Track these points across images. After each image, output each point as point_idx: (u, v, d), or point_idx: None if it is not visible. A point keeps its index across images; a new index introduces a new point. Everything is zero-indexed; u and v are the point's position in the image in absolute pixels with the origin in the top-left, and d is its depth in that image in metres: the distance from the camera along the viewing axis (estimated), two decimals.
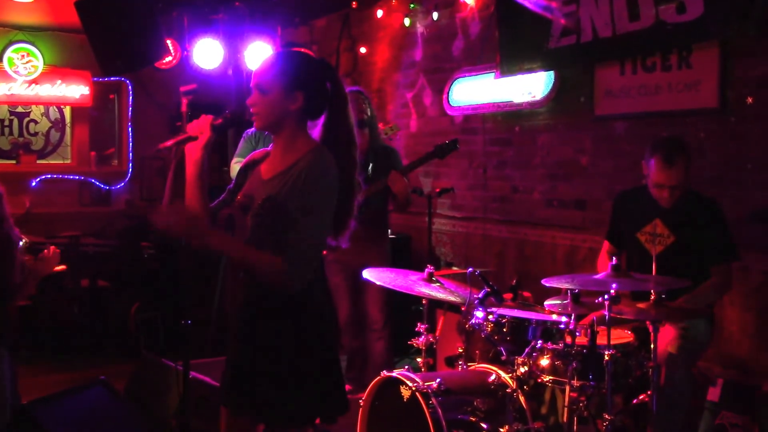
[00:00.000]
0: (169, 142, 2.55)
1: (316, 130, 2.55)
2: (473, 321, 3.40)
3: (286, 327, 2.44)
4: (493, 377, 3.33)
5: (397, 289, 3.61)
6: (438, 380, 3.20)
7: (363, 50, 7.16)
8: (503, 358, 3.38)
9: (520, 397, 3.23)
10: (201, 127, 2.44)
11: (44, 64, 7.38)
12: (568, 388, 3.09)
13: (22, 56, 7.28)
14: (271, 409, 2.44)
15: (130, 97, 7.97)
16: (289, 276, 2.37)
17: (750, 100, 4.11)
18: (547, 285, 3.20)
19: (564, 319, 3.25)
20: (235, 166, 4.80)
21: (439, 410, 3.08)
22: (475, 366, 3.60)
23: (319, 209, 2.40)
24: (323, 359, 2.49)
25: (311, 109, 2.52)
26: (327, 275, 4.87)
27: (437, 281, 3.67)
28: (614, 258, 3.22)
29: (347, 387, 4.97)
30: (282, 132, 2.53)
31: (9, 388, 3.37)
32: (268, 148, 2.63)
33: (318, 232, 2.43)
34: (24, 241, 3.46)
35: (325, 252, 2.63)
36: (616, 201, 4.07)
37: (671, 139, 3.83)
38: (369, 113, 4.70)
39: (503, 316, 3.34)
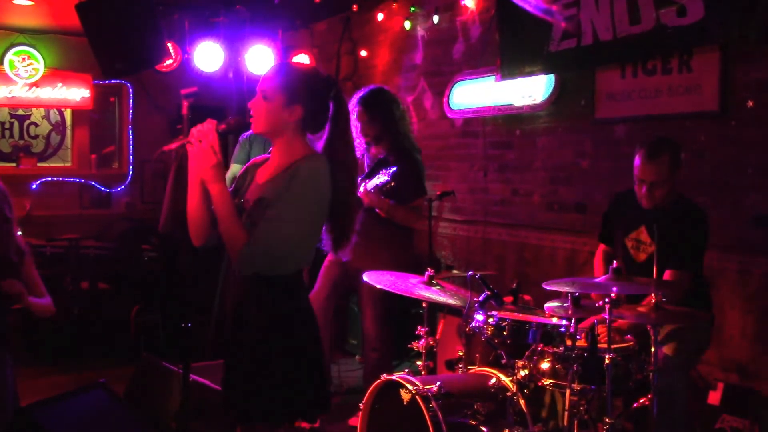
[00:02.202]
0: (173, 145, 2.58)
1: (319, 144, 2.60)
2: (473, 324, 3.40)
3: (270, 326, 2.49)
4: (493, 380, 3.33)
5: (397, 292, 3.60)
6: (438, 383, 3.20)
7: (363, 53, 7.16)
8: (503, 361, 3.37)
9: (520, 400, 3.23)
10: (206, 132, 2.46)
11: (45, 66, 7.39)
12: (568, 392, 3.09)
13: (23, 59, 7.29)
14: (251, 407, 2.49)
15: (131, 100, 7.98)
16: (243, 255, 2.42)
17: (750, 103, 4.11)
18: (547, 288, 3.20)
19: (564, 322, 3.25)
20: (233, 171, 4.81)
21: (439, 413, 3.08)
22: (475, 369, 3.59)
23: (295, 205, 2.43)
24: (307, 358, 2.53)
25: (309, 123, 2.58)
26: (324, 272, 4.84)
27: (437, 284, 3.67)
28: (614, 261, 3.22)
29: None
30: (279, 139, 2.59)
31: (11, 390, 3.38)
32: (268, 155, 2.67)
33: (290, 227, 2.44)
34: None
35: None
36: (611, 203, 4.05)
37: (661, 138, 3.79)
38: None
39: (503, 320, 3.33)
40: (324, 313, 4.71)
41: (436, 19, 6.18)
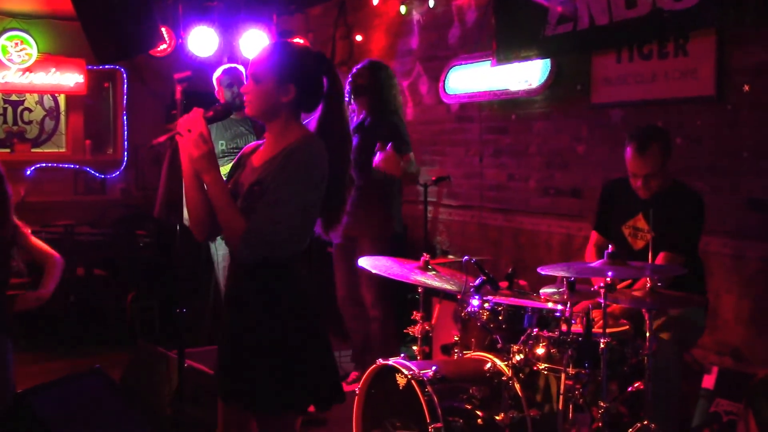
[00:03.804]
0: (162, 138, 2.56)
1: (311, 122, 2.56)
2: (469, 309, 3.40)
3: (275, 314, 2.44)
4: (488, 365, 3.33)
5: (393, 277, 3.60)
6: (434, 368, 3.20)
7: (359, 38, 7.13)
8: (499, 346, 3.38)
9: (515, 384, 3.24)
10: (193, 121, 2.43)
11: (38, 52, 7.33)
12: (563, 376, 3.09)
13: (16, 44, 7.23)
14: (262, 397, 2.44)
15: (125, 86, 7.93)
16: (242, 241, 2.37)
17: (746, 88, 4.10)
18: (543, 273, 3.20)
19: (559, 307, 3.25)
20: None
21: (435, 398, 3.08)
22: (470, 354, 3.60)
23: (295, 188, 2.38)
24: (314, 346, 2.49)
25: (304, 102, 2.53)
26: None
27: (433, 269, 3.67)
28: (610, 246, 3.22)
29: (354, 373, 4.94)
30: (274, 122, 2.54)
31: (12, 374, 3.40)
32: (260, 141, 2.64)
33: (289, 211, 2.38)
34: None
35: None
36: (605, 190, 4.01)
37: (647, 127, 3.77)
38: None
39: (499, 305, 3.34)
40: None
41: (431, 3, 6.15)
